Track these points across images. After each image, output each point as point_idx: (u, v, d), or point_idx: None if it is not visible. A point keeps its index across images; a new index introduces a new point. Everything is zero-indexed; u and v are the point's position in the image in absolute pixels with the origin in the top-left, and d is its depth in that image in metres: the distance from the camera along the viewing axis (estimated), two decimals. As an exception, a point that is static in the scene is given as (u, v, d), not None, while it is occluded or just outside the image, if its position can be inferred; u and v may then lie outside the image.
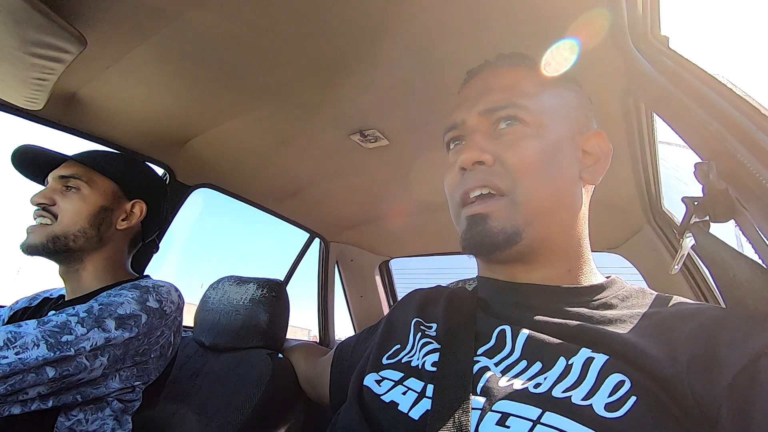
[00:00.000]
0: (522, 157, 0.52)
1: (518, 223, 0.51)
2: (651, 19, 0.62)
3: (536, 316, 0.49)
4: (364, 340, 0.74)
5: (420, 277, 2.30)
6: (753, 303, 0.41)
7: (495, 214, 0.52)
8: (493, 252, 0.53)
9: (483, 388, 0.42)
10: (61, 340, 0.67)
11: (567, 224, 0.55)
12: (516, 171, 0.52)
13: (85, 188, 0.90)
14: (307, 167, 1.32)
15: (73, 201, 0.88)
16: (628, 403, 0.35)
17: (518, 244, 0.51)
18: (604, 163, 0.57)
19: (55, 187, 0.88)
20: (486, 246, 0.52)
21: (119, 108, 1.01)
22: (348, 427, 0.50)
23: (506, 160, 0.53)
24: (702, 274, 1.15)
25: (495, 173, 0.53)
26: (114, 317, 0.75)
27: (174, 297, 0.87)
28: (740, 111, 0.43)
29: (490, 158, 0.53)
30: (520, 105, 0.54)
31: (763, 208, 0.39)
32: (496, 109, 0.55)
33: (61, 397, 0.69)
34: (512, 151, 0.53)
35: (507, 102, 0.55)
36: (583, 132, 0.58)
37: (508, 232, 0.51)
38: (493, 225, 0.51)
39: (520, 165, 0.52)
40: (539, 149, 0.53)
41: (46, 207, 0.86)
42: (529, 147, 0.53)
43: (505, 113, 0.55)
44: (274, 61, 0.84)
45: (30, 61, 0.72)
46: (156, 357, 0.82)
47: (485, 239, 0.52)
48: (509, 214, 0.52)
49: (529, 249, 0.53)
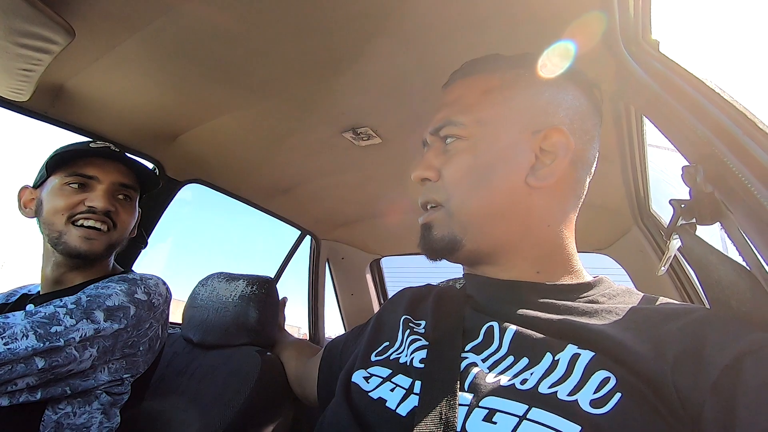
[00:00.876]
0: (453, 171, 0.56)
1: (455, 230, 0.55)
2: (642, 23, 0.63)
3: (523, 312, 0.49)
4: (353, 339, 0.74)
5: (411, 275, 2.31)
6: (737, 304, 0.42)
7: (435, 222, 0.57)
8: (441, 257, 0.58)
9: (470, 384, 0.43)
10: (51, 331, 0.67)
11: (519, 229, 0.54)
12: (449, 184, 0.56)
13: (135, 200, 0.93)
14: (299, 164, 1.31)
15: (130, 212, 0.91)
16: (614, 399, 0.36)
17: (462, 249, 0.55)
18: (562, 161, 0.54)
19: (114, 192, 0.87)
20: (433, 251, 0.58)
21: (108, 101, 0.99)
22: (336, 423, 0.50)
23: (444, 175, 0.57)
24: (688, 275, 1.17)
25: (435, 188, 0.58)
26: (102, 309, 0.74)
27: (162, 290, 0.87)
28: (727, 115, 0.44)
29: (432, 174, 0.58)
30: (455, 122, 0.57)
31: (747, 211, 0.40)
32: (439, 128, 0.59)
33: (50, 389, 0.69)
34: (448, 166, 0.57)
35: (445, 120, 0.58)
36: (538, 131, 0.55)
37: (446, 239, 0.56)
38: (435, 233, 0.57)
39: (451, 179, 0.56)
40: (470, 162, 0.55)
41: (110, 214, 0.85)
42: (459, 161, 0.56)
43: (444, 132, 0.58)
44: (266, 56, 0.83)
45: (16, 51, 0.70)
46: (145, 350, 0.82)
47: (430, 245, 0.58)
48: (446, 223, 0.56)
49: (478, 253, 0.56)
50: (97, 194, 0.84)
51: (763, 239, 0.38)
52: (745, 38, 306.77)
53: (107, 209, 0.83)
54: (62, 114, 1.01)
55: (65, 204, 0.83)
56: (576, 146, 0.55)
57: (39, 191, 0.87)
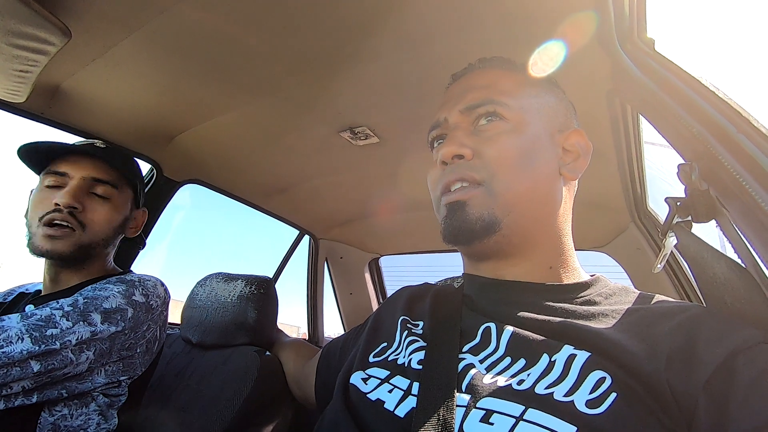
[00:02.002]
0: (500, 150, 0.54)
1: (496, 211, 0.52)
2: (637, 21, 0.63)
3: (520, 313, 0.49)
4: (351, 340, 0.74)
5: (409, 274, 2.31)
6: (731, 301, 0.42)
7: (473, 201, 0.53)
8: (472, 241, 0.53)
9: (468, 386, 0.43)
10: (46, 334, 0.66)
11: (546, 219, 0.56)
12: (493, 163, 0.53)
13: (116, 198, 0.87)
14: (297, 164, 1.31)
15: (104, 210, 0.85)
16: (609, 400, 0.36)
17: (496, 233, 0.52)
18: (584, 160, 0.59)
19: (84, 188, 0.83)
20: (464, 233, 0.53)
21: (105, 101, 0.99)
22: (334, 424, 0.50)
23: (484, 154, 0.54)
24: (685, 272, 1.18)
25: (473, 167, 0.54)
26: (100, 311, 0.73)
27: (160, 291, 0.86)
28: (722, 113, 0.44)
29: (469, 152, 0.55)
30: (498, 101, 0.56)
31: (742, 208, 0.40)
32: (476, 105, 0.57)
33: (46, 392, 0.68)
34: (490, 145, 0.54)
35: (486, 99, 0.57)
36: (562, 131, 0.59)
37: (485, 220, 0.52)
38: (471, 212, 0.52)
39: (497, 158, 0.54)
40: (517, 143, 0.54)
41: (74, 213, 0.81)
42: (507, 141, 0.54)
43: (484, 110, 0.56)
44: (263, 56, 0.83)
45: (12, 52, 0.70)
46: (142, 352, 0.81)
47: (463, 226, 0.53)
48: (486, 202, 0.53)
49: (508, 240, 0.53)
50: (64, 190, 0.81)
51: (758, 236, 0.38)
52: (739, 37, 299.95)
53: (70, 205, 0.79)
54: (59, 115, 1.00)
55: (39, 204, 0.81)
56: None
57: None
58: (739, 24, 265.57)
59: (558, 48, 0.67)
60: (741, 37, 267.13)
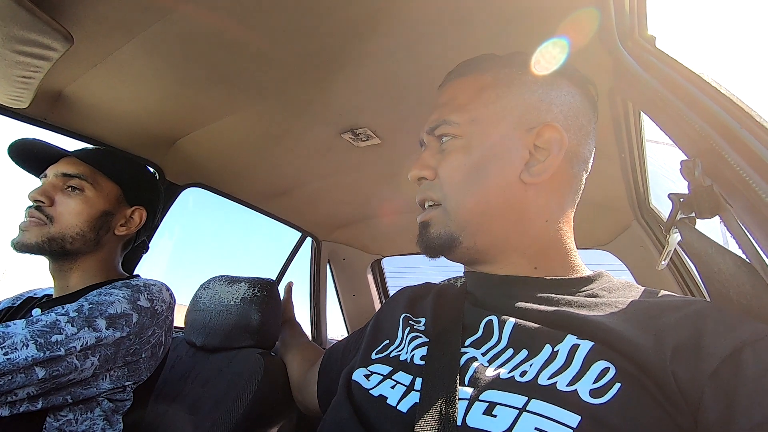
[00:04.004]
0: (448, 169, 0.57)
1: (452, 229, 0.56)
2: (638, 18, 0.63)
3: (522, 305, 0.49)
4: (353, 343, 0.74)
5: (412, 275, 2.31)
6: (736, 296, 0.42)
7: (432, 221, 0.58)
8: (438, 254, 0.58)
9: (470, 379, 0.43)
10: (51, 340, 0.66)
11: (515, 226, 0.54)
12: (445, 183, 0.57)
13: (90, 190, 0.87)
14: (299, 166, 1.32)
15: (74, 203, 0.85)
16: (613, 389, 0.36)
17: (459, 246, 0.56)
18: (556, 157, 0.54)
19: (56, 184, 0.85)
20: (431, 249, 0.58)
21: (107, 106, 0.99)
22: (338, 421, 0.50)
23: (439, 174, 0.58)
24: (688, 269, 1.17)
25: (432, 187, 0.58)
26: (105, 316, 0.73)
27: (165, 296, 0.86)
28: (725, 109, 0.44)
29: (430, 173, 0.59)
30: (449, 121, 0.58)
31: (746, 204, 0.40)
32: (434, 128, 0.60)
33: (51, 398, 0.68)
34: (443, 165, 0.57)
35: (440, 120, 0.59)
36: (532, 128, 0.55)
37: (443, 238, 0.56)
38: (432, 231, 0.57)
39: (447, 178, 0.57)
40: (464, 161, 0.56)
41: (41, 207, 0.83)
42: (454, 160, 0.56)
43: (439, 131, 0.59)
44: (264, 59, 0.83)
45: (15, 58, 0.70)
46: (147, 357, 0.81)
47: (428, 243, 0.58)
48: (444, 221, 0.56)
49: (476, 251, 0.56)
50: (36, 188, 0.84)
51: (763, 232, 0.38)
52: (740, 32, 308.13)
53: (36, 199, 0.82)
54: (61, 120, 1.01)
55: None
56: (570, 142, 0.55)
57: None
58: (740, 19, 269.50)
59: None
60: (742, 32, 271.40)
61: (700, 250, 0.48)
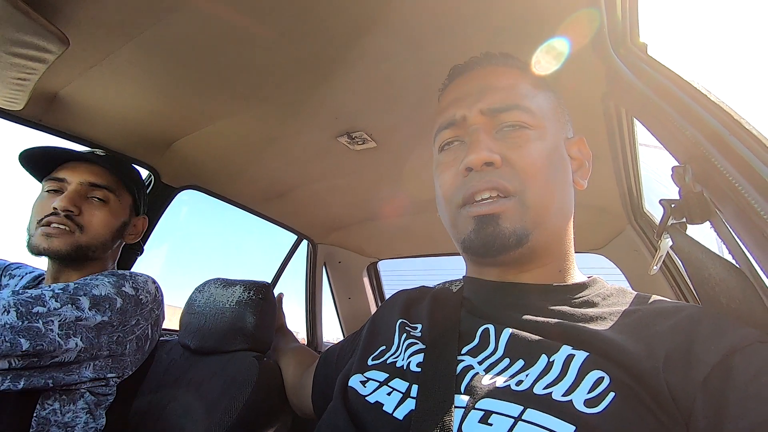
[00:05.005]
0: (530, 159, 0.52)
1: (527, 225, 0.51)
2: (630, 26, 0.64)
3: (519, 314, 0.50)
4: (349, 346, 0.74)
5: (408, 278, 2.31)
6: (726, 301, 0.43)
7: (506, 215, 0.51)
8: (501, 254, 0.52)
9: (467, 387, 0.43)
10: (32, 311, 0.68)
11: (563, 227, 0.56)
12: (524, 173, 0.51)
13: (114, 202, 0.90)
14: (295, 169, 1.32)
15: (102, 214, 0.88)
16: (607, 399, 0.36)
17: (524, 246, 0.51)
18: (588, 168, 0.59)
19: (82, 192, 0.86)
20: (496, 247, 0.51)
21: (103, 108, 0.99)
22: (333, 427, 0.50)
23: (514, 162, 0.52)
24: (681, 274, 1.18)
25: (503, 176, 0.51)
26: (89, 296, 0.75)
27: (151, 288, 0.87)
28: (714, 117, 0.45)
29: (499, 159, 0.52)
30: (523, 107, 0.54)
31: (735, 210, 0.40)
32: (501, 109, 0.54)
33: (33, 380, 0.68)
34: (520, 153, 0.52)
35: (512, 103, 0.54)
36: (567, 137, 0.59)
37: (518, 234, 0.51)
38: (505, 226, 0.51)
39: (528, 167, 0.51)
40: (544, 152, 0.53)
41: (71, 216, 0.84)
42: (535, 149, 0.52)
43: (510, 116, 0.54)
44: (260, 61, 0.84)
45: (10, 60, 0.70)
46: (132, 349, 0.82)
47: (496, 240, 0.51)
48: (520, 215, 0.51)
49: (531, 251, 0.52)
50: (62, 195, 0.84)
51: (751, 237, 0.39)
52: (731, 40, 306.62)
53: (66, 208, 0.83)
54: (57, 122, 1.01)
55: (39, 209, 0.85)
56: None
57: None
58: (730, 28, 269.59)
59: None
60: (731, 40, 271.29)
61: (690, 255, 0.49)
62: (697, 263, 0.47)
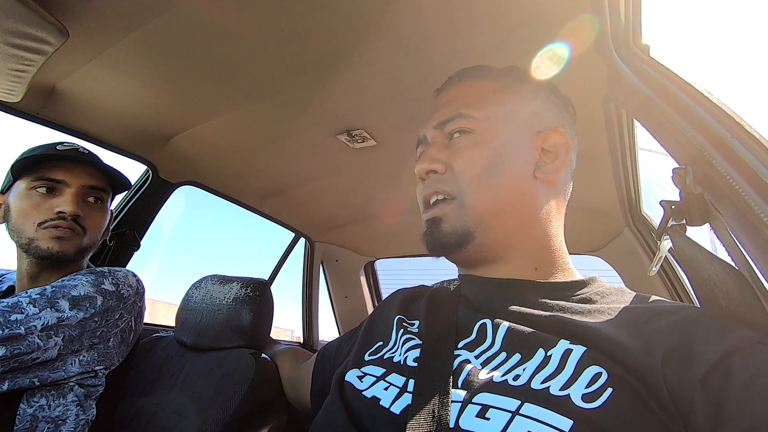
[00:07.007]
0: (466, 163, 0.56)
1: (468, 223, 0.55)
2: (633, 27, 0.64)
3: (516, 309, 0.50)
4: (347, 342, 0.74)
5: (405, 277, 2.31)
6: (726, 303, 0.43)
7: (446, 216, 0.56)
8: (448, 252, 0.57)
9: (464, 381, 0.43)
10: (10, 319, 0.67)
11: (524, 223, 0.56)
12: (461, 176, 0.56)
13: (106, 202, 0.92)
14: (293, 166, 1.31)
15: (99, 216, 0.89)
16: (605, 394, 0.36)
17: (472, 243, 0.55)
18: (563, 160, 0.59)
19: (84, 195, 0.87)
20: (441, 246, 0.57)
21: (101, 102, 0.98)
22: (330, 422, 0.50)
23: (453, 167, 0.57)
24: (678, 276, 1.19)
25: (444, 180, 0.57)
26: (68, 298, 0.74)
27: (132, 281, 0.87)
28: (716, 119, 0.45)
29: (440, 166, 0.58)
30: (465, 114, 0.58)
31: (736, 212, 0.40)
32: (446, 120, 0.59)
33: (17, 380, 0.68)
34: (458, 159, 0.57)
35: (454, 113, 0.59)
36: (540, 132, 0.59)
37: (458, 232, 0.55)
38: (445, 227, 0.56)
39: (464, 170, 0.56)
40: (483, 154, 0.56)
41: (77, 219, 0.84)
42: (472, 153, 0.57)
43: (453, 125, 0.59)
44: (261, 58, 0.83)
45: (8, 51, 0.70)
46: (117, 342, 0.82)
47: (440, 240, 0.57)
48: (459, 215, 0.56)
49: (485, 248, 0.56)
50: (66, 199, 0.82)
51: (751, 239, 0.39)
52: (732, 43, 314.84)
53: (76, 213, 0.83)
54: (54, 115, 1.00)
55: (35, 210, 0.82)
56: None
57: (6, 196, 0.85)
58: (733, 30, 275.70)
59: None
60: (734, 42, 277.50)
61: (690, 257, 0.49)
62: (696, 265, 0.47)
